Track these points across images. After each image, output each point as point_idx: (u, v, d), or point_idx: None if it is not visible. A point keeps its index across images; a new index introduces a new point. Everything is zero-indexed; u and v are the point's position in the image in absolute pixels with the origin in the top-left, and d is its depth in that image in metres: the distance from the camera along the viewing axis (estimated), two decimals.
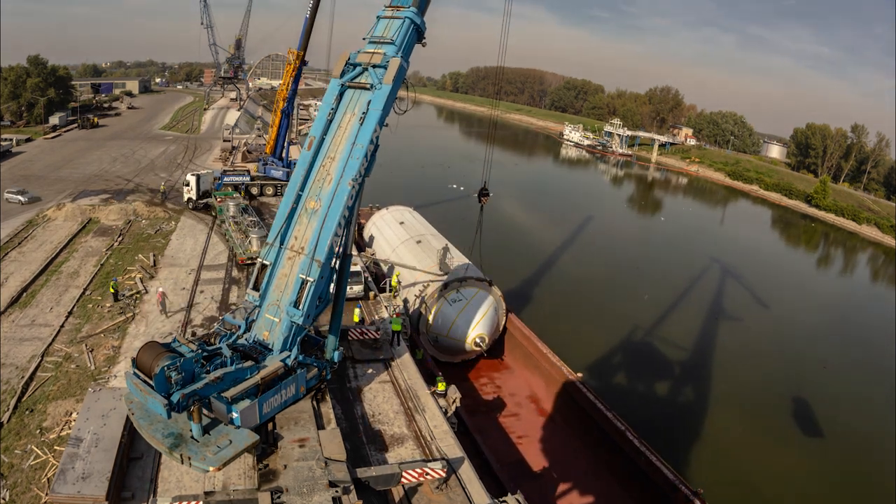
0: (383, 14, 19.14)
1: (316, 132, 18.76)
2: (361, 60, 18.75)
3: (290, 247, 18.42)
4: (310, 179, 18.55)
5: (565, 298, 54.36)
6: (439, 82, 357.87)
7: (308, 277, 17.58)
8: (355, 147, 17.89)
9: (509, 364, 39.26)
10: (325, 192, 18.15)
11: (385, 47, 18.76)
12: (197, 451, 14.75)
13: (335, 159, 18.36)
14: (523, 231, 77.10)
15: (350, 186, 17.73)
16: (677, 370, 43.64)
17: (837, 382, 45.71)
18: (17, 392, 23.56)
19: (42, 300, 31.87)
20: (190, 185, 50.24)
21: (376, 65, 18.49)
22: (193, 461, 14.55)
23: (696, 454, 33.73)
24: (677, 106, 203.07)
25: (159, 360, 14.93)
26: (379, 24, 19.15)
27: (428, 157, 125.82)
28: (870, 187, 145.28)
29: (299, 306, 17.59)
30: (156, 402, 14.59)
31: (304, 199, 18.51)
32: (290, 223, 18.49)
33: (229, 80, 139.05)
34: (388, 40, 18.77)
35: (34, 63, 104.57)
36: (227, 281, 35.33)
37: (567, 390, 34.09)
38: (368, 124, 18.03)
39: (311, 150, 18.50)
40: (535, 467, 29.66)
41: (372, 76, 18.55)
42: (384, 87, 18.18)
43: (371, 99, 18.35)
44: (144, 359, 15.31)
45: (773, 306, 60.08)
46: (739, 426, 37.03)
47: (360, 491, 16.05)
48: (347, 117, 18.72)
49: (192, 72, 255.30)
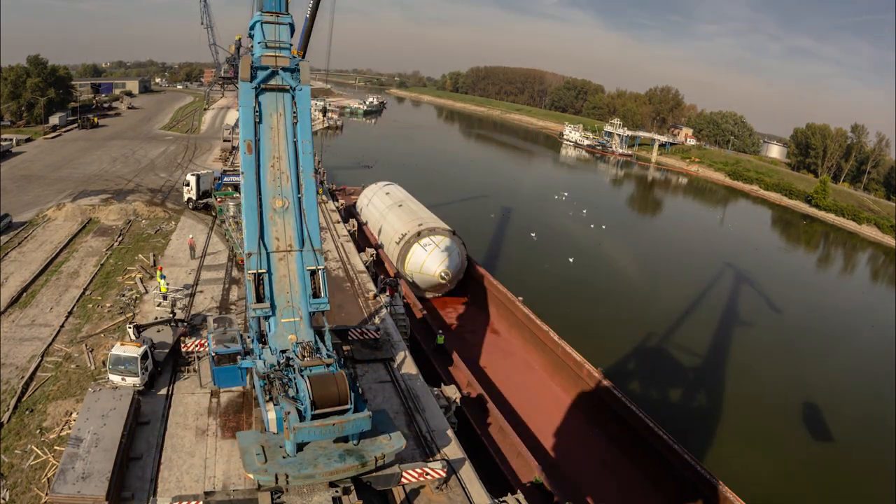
0: (265, 19, 19.32)
1: (249, 135, 19.07)
2: (267, 63, 19.24)
3: (275, 249, 18.70)
4: (263, 181, 18.95)
5: (569, 292, 54.36)
6: (439, 82, 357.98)
7: (319, 267, 18.34)
8: (304, 143, 19.02)
9: (512, 349, 39.72)
10: (286, 190, 18.87)
11: (283, 51, 19.60)
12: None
13: (281, 158, 19.11)
14: (525, 232, 77.06)
15: (313, 178, 19.02)
16: (688, 369, 43.50)
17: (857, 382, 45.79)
18: (17, 392, 23.56)
19: (42, 300, 31.86)
20: (190, 185, 50.21)
21: (285, 67, 19.33)
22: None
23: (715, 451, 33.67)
24: (677, 106, 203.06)
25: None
26: (266, 28, 19.38)
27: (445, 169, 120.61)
28: (870, 187, 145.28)
29: (321, 296, 18.28)
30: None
31: (266, 201, 18.91)
32: (264, 227, 18.79)
33: (229, 80, 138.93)
34: (286, 45, 19.68)
35: (34, 63, 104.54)
36: (227, 281, 35.32)
37: (576, 383, 34.10)
38: (305, 122, 19.22)
39: (251, 153, 18.86)
40: (536, 466, 29.56)
41: (286, 79, 19.41)
42: (305, 87, 19.45)
43: (297, 99, 19.51)
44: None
45: (781, 306, 60.08)
46: (752, 423, 37.07)
47: (360, 491, 16.05)
48: (275, 118, 19.46)
49: (192, 72, 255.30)
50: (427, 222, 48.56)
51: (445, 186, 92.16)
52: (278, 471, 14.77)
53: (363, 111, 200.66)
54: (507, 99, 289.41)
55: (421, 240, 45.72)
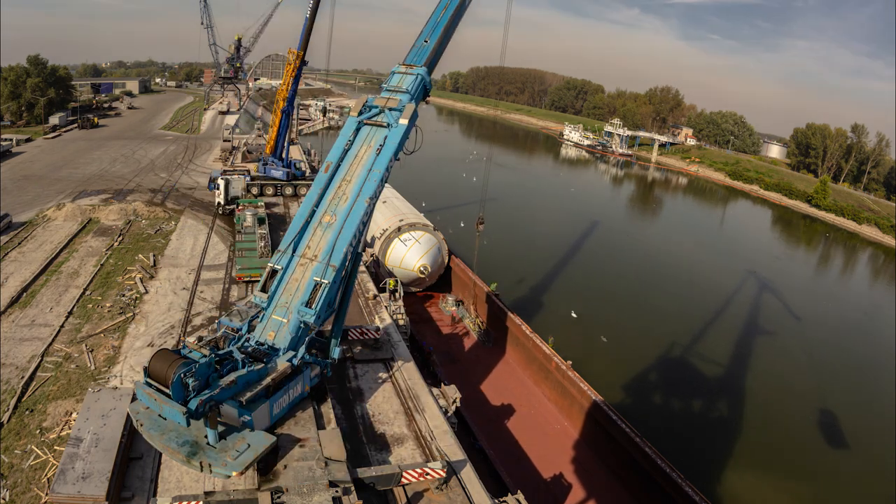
0: (398, 70, 22.23)
1: (333, 158, 20.97)
2: (378, 104, 21.47)
3: (302, 254, 19.67)
4: (325, 197, 20.54)
5: (570, 296, 54.41)
6: (439, 82, 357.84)
7: (323, 280, 18.46)
8: (373, 171, 20.29)
9: (507, 357, 39.48)
10: (340, 209, 20.06)
11: (399, 95, 21.62)
12: (216, 456, 14.75)
13: (351, 182, 20.66)
14: (525, 233, 77.13)
15: (367, 203, 19.83)
16: (690, 377, 43.53)
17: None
18: (17, 392, 23.56)
19: (42, 300, 31.86)
20: (219, 189, 48.24)
21: (392, 108, 21.29)
22: (214, 468, 14.50)
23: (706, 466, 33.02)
24: (678, 106, 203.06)
25: (174, 368, 14.67)
26: (394, 77, 22.28)
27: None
28: (870, 187, 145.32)
29: (311, 306, 18.23)
30: (174, 410, 14.42)
31: (318, 214, 20.32)
32: (304, 234, 20.03)
33: (229, 80, 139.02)
34: (404, 90, 21.72)
35: (34, 63, 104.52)
36: (227, 281, 35.32)
37: (568, 391, 34.11)
38: (385, 154, 20.57)
39: (327, 172, 20.70)
40: (536, 466, 29.66)
41: (388, 117, 21.28)
42: (400, 125, 20.94)
43: (388, 134, 21.07)
44: (158, 367, 14.98)
45: (789, 306, 60.08)
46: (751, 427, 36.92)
47: (360, 491, 16.05)
48: (364, 149, 21.21)
49: (192, 72, 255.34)
50: (408, 217, 49.40)
51: (445, 186, 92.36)
52: (142, 419, 15.33)
53: None
54: (507, 99, 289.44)
55: (401, 235, 46.74)
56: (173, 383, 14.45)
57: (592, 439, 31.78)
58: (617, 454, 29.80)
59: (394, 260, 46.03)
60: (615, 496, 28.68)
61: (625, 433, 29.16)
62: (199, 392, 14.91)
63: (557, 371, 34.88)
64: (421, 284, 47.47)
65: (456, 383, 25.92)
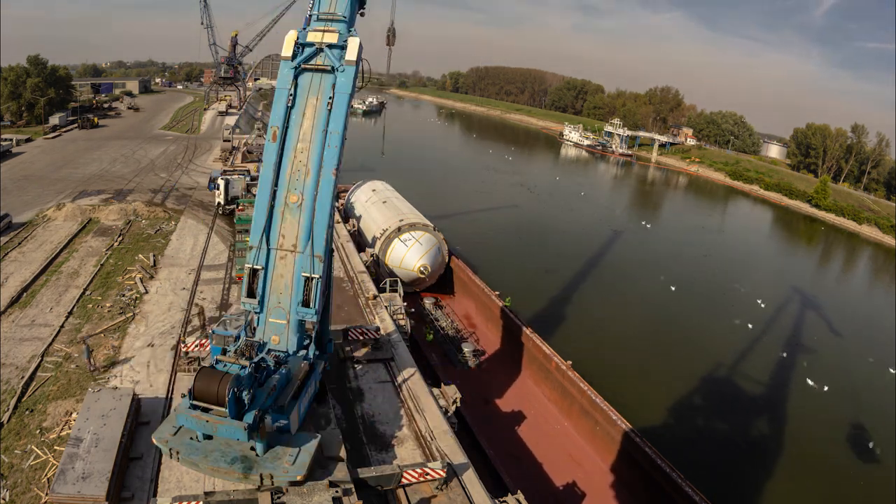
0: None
1: (277, 121, 17.36)
2: (313, 39, 17.34)
3: (278, 246, 17.53)
4: (283, 172, 17.44)
5: (567, 293, 54.38)
6: (439, 82, 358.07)
7: (314, 275, 17.02)
8: (331, 135, 17.00)
9: (507, 358, 39.43)
10: (306, 185, 17.21)
11: (335, 24, 17.63)
12: (273, 465, 14.43)
13: (308, 148, 17.34)
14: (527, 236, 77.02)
15: (334, 176, 16.98)
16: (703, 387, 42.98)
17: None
18: (17, 392, 23.54)
19: (42, 300, 31.85)
20: (220, 189, 48.31)
21: (332, 44, 17.30)
22: (276, 476, 14.18)
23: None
24: (678, 106, 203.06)
25: (226, 384, 14.02)
26: (322, 1, 17.90)
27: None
28: (870, 187, 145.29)
29: (310, 305, 17.07)
30: (232, 428, 13.93)
31: (280, 195, 17.44)
32: (272, 222, 17.47)
33: (229, 80, 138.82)
34: (340, 17, 17.62)
35: (34, 63, 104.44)
36: (227, 281, 35.31)
37: (568, 391, 34.11)
38: (339, 109, 17.13)
39: (275, 141, 17.29)
40: (536, 466, 29.66)
41: (330, 58, 17.38)
42: (348, 68, 17.16)
43: (335, 83, 17.32)
44: (208, 386, 14.23)
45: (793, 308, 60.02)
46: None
47: (360, 491, 16.04)
48: (312, 102, 17.52)
49: (192, 72, 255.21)
50: (408, 217, 49.26)
51: (445, 184, 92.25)
52: (175, 447, 14.52)
53: (362, 111, 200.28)
54: (507, 99, 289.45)
55: (401, 235, 46.62)
56: (229, 400, 13.89)
57: (592, 439, 31.76)
58: (617, 454, 29.79)
59: (394, 260, 46.04)
60: (615, 496, 28.68)
61: (625, 433, 29.17)
62: (251, 404, 14.52)
63: (557, 371, 34.88)
64: (421, 284, 47.48)
65: (456, 383, 25.90)
